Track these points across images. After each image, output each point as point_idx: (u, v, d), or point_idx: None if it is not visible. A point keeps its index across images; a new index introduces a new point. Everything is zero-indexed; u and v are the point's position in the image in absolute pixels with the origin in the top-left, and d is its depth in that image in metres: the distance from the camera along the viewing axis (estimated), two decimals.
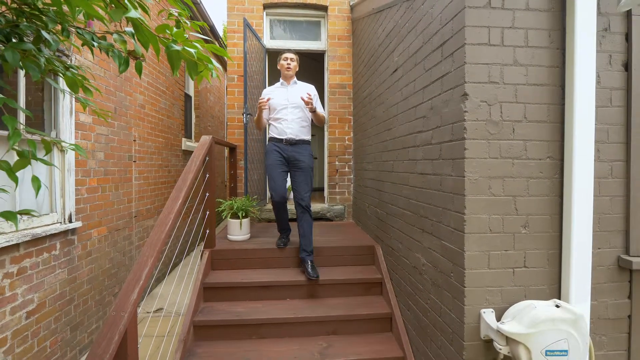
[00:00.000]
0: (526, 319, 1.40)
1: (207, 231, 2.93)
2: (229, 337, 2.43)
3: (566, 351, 1.36)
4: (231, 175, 4.06)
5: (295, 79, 2.98)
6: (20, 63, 0.76)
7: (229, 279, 2.74)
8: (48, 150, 0.92)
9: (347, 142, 4.37)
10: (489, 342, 1.56)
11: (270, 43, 4.49)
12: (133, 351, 1.47)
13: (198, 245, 3.71)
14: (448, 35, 1.69)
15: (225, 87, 8.51)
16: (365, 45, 3.58)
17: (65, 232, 2.85)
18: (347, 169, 4.38)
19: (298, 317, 2.43)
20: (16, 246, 2.36)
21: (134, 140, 4.02)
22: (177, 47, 0.77)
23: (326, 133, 4.45)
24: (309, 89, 2.94)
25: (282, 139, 2.85)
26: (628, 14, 1.62)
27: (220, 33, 8.14)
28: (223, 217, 3.26)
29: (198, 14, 5.72)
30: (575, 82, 1.51)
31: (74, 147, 0.96)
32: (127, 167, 3.88)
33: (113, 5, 0.69)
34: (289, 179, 3.00)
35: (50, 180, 2.77)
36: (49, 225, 2.68)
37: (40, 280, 2.60)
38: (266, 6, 4.35)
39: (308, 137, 2.95)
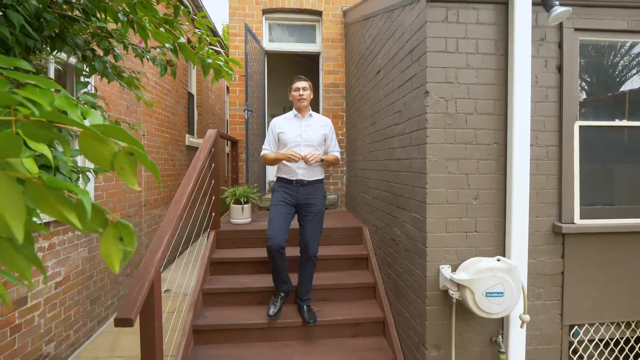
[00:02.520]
0: (472, 269, 1.77)
1: (213, 214, 3.29)
2: (233, 303, 2.79)
3: (502, 293, 1.73)
4: (233, 167, 4.42)
5: (310, 110, 2.60)
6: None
7: (233, 255, 3.10)
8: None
9: (340, 136, 4.74)
10: (445, 292, 1.93)
11: (269, 45, 4.85)
12: (158, 295, 1.84)
13: (203, 233, 4.05)
14: (415, 44, 2.06)
15: (225, 87, 8.86)
16: (356, 48, 3.94)
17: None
18: (340, 162, 4.75)
19: (294, 286, 2.79)
20: (47, 224, 2.71)
21: (143, 135, 4.38)
22: (209, 61, 1.14)
23: None
24: (324, 124, 2.59)
25: (292, 180, 2.47)
26: (560, 27, 1.99)
27: (220, 32, 8.49)
28: (227, 202, 3.62)
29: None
30: (514, 82, 1.88)
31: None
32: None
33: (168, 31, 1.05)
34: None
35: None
36: None
37: (66, 256, 2.95)
38: (265, 11, 4.71)
39: (322, 175, 2.57)
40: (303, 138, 2.48)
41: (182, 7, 1.10)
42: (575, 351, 2.27)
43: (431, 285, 1.94)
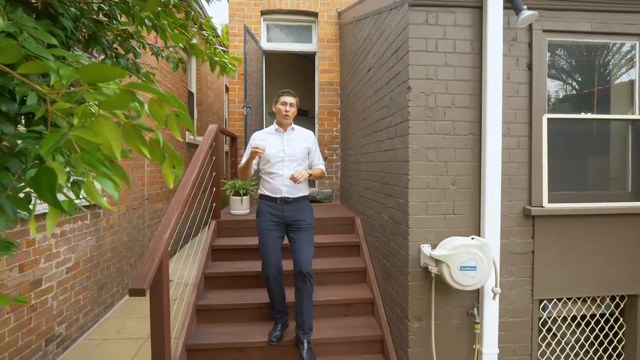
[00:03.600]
0: (448, 246, 1.98)
1: (214, 205, 3.49)
2: (233, 287, 2.99)
3: (475, 267, 1.93)
4: (232, 161, 4.61)
5: (292, 124, 2.51)
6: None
7: (232, 243, 3.30)
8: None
9: (334, 133, 4.95)
10: (426, 269, 2.13)
11: (267, 45, 5.05)
12: (166, 271, 2.03)
13: (202, 228, 4.24)
14: (400, 44, 2.26)
15: (224, 86, 9.04)
16: (349, 48, 4.14)
17: (93, 206, 3.39)
18: (335, 157, 4.96)
19: (290, 270, 2.99)
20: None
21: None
22: (217, 59, 1.34)
23: (316, 125, 5.02)
24: (307, 137, 2.53)
25: (275, 198, 2.39)
26: (530, 28, 2.20)
27: (219, 32, 8.68)
28: (227, 194, 3.82)
29: (203, 19, 6.25)
30: (488, 78, 2.09)
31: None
32: (140, 154, 4.41)
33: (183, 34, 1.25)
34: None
35: None
36: (81, 198, 3.22)
37: (76, 244, 3.14)
38: (263, 12, 4.91)
39: (307, 191, 2.51)
40: (286, 153, 2.40)
41: (192, 12, 1.29)
42: (544, 324, 2.48)
43: (413, 263, 2.15)
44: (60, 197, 0.66)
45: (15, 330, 2.44)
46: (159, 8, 1.06)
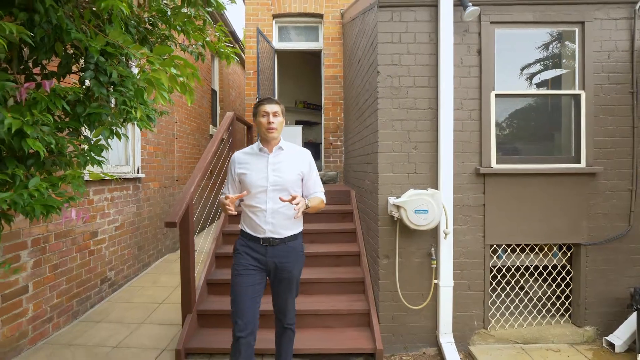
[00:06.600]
0: (406, 195, 2.51)
1: None
2: None
3: (426, 210, 2.45)
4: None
5: (281, 142, 1.94)
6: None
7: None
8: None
9: (338, 121, 5.52)
10: (392, 217, 2.66)
11: (278, 45, 5.71)
12: (191, 216, 2.69)
13: (217, 219, 4.92)
14: (373, 38, 2.82)
15: (245, 85, 9.82)
16: (349, 44, 4.71)
17: (135, 179, 4.15)
18: (339, 143, 5.54)
19: None
20: (110, 181, 3.66)
21: (176, 122, 5.33)
22: (222, 51, 1.96)
23: (323, 115, 5.61)
24: (301, 158, 1.97)
25: (258, 239, 1.86)
26: (479, 20, 2.68)
27: (241, 36, 9.45)
28: None
29: (222, 23, 7.02)
30: (440, 63, 2.60)
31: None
32: (171, 141, 5.18)
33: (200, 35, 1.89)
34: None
35: (125, 144, 4.08)
36: (126, 172, 3.99)
37: (122, 208, 3.90)
38: (275, 16, 5.56)
39: (298, 229, 1.98)
40: (270, 181, 1.84)
41: (208, 19, 1.93)
42: (502, 276, 2.93)
43: (382, 211, 2.69)
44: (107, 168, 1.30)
45: (80, 267, 3.19)
46: (185, 19, 1.68)
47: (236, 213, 1.76)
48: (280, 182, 1.86)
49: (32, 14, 1.17)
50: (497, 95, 2.71)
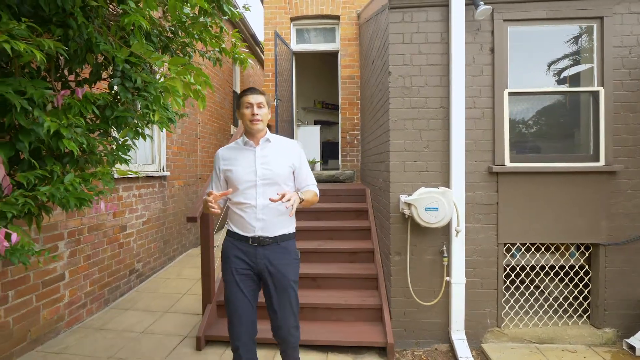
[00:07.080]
0: (417, 193, 2.55)
1: None
2: None
3: (437, 208, 2.48)
4: None
5: (267, 133, 1.82)
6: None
7: None
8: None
9: (355, 121, 5.58)
10: (403, 214, 2.71)
11: (296, 47, 5.84)
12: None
13: None
14: (385, 39, 2.87)
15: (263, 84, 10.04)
16: (364, 44, 4.76)
17: (160, 177, 4.39)
18: (355, 142, 5.59)
19: (306, 227, 3.70)
20: (137, 179, 3.90)
21: (199, 123, 5.57)
22: (237, 57, 2.09)
23: (340, 115, 5.68)
24: (290, 151, 1.84)
25: (247, 238, 1.74)
26: (492, 18, 2.67)
27: (261, 38, 9.68)
28: None
29: (243, 27, 7.23)
30: (452, 62, 2.62)
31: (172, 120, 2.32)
32: (194, 141, 5.43)
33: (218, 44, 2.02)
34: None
35: (151, 144, 4.33)
36: (152, 171, 4.23)
37: (148, 204, 4.14)
38: (292, 19, 5.69)
39: (291, 228, 1.84)
40: (259, 175, 1.73)
41: (224, 28, 2.06)
42: (516, 275, 2.90)
43: (393, 209, 2.74)
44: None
45: (110, 258, 3.44)
46: (202, 28, 1.81)
47: (220, 212, 1.60)
48: (270, 176, 1.73)
49: (67, 30, 1.33)
50: (510, 94, 2.69)
